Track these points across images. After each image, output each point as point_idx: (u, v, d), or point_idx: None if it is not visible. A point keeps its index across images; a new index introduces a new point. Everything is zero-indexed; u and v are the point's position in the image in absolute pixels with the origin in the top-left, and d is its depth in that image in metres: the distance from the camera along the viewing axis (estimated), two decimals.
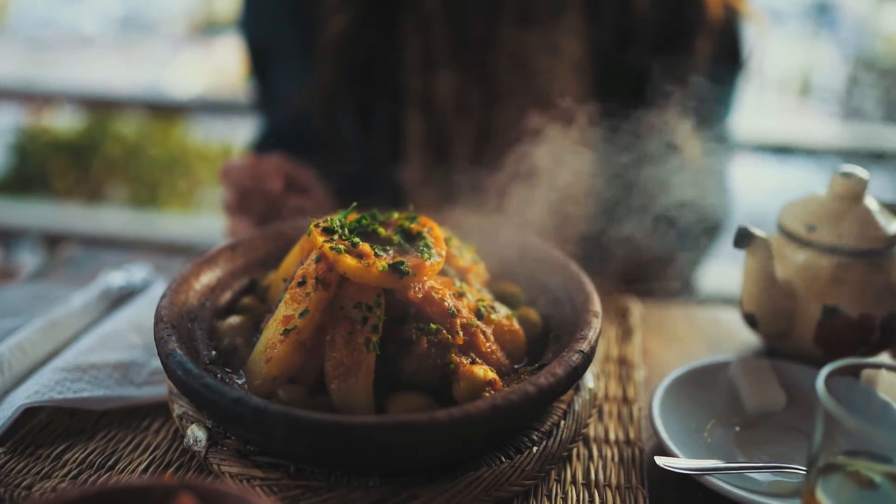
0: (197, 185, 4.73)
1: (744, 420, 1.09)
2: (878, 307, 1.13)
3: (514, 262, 1.20)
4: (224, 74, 6.18)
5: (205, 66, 6.47)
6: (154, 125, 4.80)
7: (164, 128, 4.83)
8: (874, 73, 5.56)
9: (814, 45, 6.30)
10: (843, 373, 0.83)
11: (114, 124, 4.80)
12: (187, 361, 0.89)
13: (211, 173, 4.82)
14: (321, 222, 1.00)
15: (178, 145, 4.77)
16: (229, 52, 5.89)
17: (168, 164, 4.70)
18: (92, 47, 6.62)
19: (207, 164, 4.80)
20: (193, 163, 4.75)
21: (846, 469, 0.80)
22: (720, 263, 2.25)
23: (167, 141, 4.77)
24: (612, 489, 0.97)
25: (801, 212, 1.19)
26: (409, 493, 0.88)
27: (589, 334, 0.98)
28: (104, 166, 4.65)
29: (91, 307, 1.29)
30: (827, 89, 6.06)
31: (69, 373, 1.07)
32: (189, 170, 4.73)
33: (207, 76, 6.21)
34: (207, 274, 1.12)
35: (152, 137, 4.74)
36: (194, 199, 4.69)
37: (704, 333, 1.37)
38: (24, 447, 0.99)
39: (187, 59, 6.53)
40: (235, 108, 4.62)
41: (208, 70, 6.40)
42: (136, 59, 6.55)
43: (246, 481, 0.90)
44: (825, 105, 5.95)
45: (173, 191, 4.63)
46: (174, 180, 4.69)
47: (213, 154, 4.87)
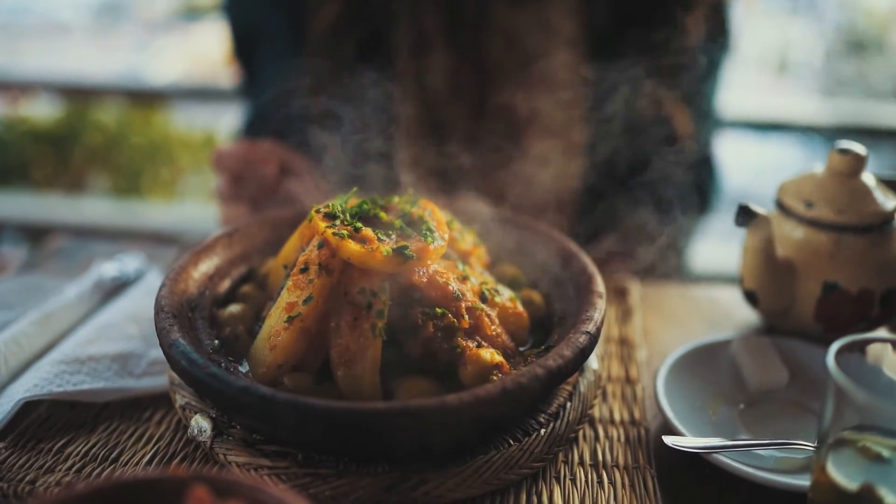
0: (180, 173, 4.67)
1: (747, 397, 1.09)
2: (877, 282, 1.14)
3: (514, 243, 1.19)
4: (204, 60, 6.10)
5: (184, 52, 6.39)
6: (135, 113, 4.73)
7: (145, 115, 4.76)
8: (855, 48, 5.58)
9: (792, 20, 6.32)
10: (851, 349, 0.84)
11: (93, 113, 4.73)
12: (191, 351, 0.88)
13: (194, 161, 4.77)
14: (322, 208, 0.99)
15: (159, 133, 4.70)
16: (209, 37, 5.82)
17: (150, 153, 4.64)
18: (69, 34, 6.51)
19: (190, 151, 4.74)
20: (176, 150, 4.68)
21: (855, 444, 0.80)
22: (709, 241, 2.26)
23: (148, 129, 4.70)
24: (620, 469, 0.97)
25: (799, 188, 1.19)
26: (419, 478, 0.88)
27: (594, 315, 0.97)
28: (85, 155, 4.58)
29: (85, 299, 1.27)
30: (805, 65, 6.08)
31: (68, 365, 1.05)
32: (171, 158, 4.67)
33: (187, 62, 6.13)
34: (205, 262, 1.10)
35: (133, 125, 4.67)
36: (178, 188, 4.63)
37: (702, 312, 1.37)
38: (24, 441, 0.97)
39: (166, 45, 6.43)
40: (217, 94, 4.57)
41: (187, 56, 6.31)
42: (114, 46, 6.45)
43: (253, 470, 0.89)
44: (804, 81, 5.97)
45: (156, 179, 4.57)
46: (156, 169, 4.63)
47: (196, 141, 4.81)
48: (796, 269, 1.17)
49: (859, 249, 1.14)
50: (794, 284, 1.17)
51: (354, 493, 0.87)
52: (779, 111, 4.25)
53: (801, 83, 6.07)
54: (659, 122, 1.77)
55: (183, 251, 1.47)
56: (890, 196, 1.18)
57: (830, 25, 5.88)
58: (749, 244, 1.16)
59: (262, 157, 1.37)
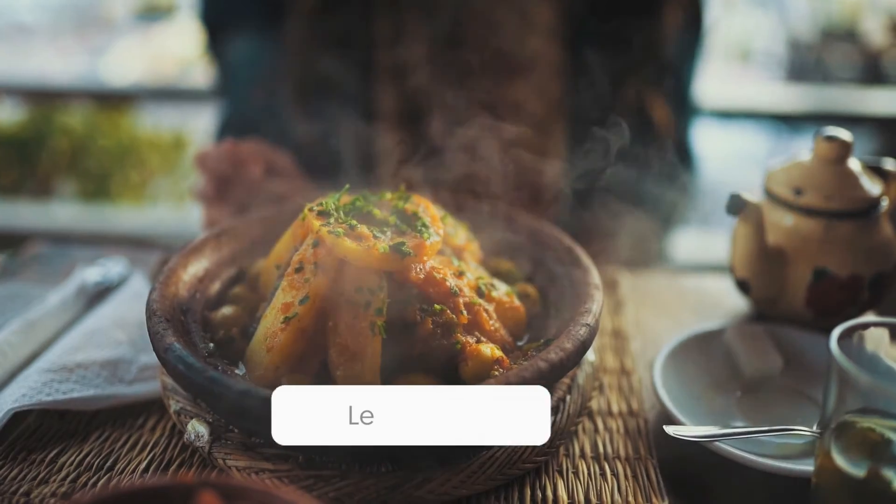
0: (150, 175, 4.60)
1: (743, 385, 1.10)
2: (866, 267, 1.15)
3: (506, 238, 1.19)
4: (165, 60, 6.03)
5: (144, 53, 6.30)
6: (102, 116, 4.65)
7: (112, 118, 4.68)
8: (823, 35, 5.66)
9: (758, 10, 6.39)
10: (852, 333, 0.84)
11: (59, 116, 4.64)
12: (188, 355, 0.86)
13: (164, 163, 4.70)
14: (315, 206, 0.97)
15: (127, 135, 4.63)
16: (169, 37, 5.73)
17: (118, 156, 4.56)
18: (31, 37, 6.38)
19: (159, 153, 4.68)
20: (145, 153, 4.61)
21: (858, 427, 0.81)
22: (688, 231, 2.28)
23: (116, 132, 4.63)
24: (622, 461, 0.97)
25: (787, 176, 1.20)
26: (423, 476, 0.87)
27: (592, 307, 0.97)
28: (51, 160, 4.50)
29: (69, 305, 1.24)
30: (770, 54, 6.15)
31: (56, 373, 1.03)
32: (141, 160, 4.60)
33: (148, 63, 6.05)
34: (195, 265, 1.08)
35: (100, 128, 4.59)
36: (148, 191, 4.57)
37: (691, 301, 1.38)
38: (15, 453, 0.95)
39: (125, 46, 6.34)
40: (185, 94, 4.51)
41: (149, 57, 6.23)
42: (77, 48, 6.34)
43: (254, 474, 0.87)
44: (771, 69, 6.04)
45: (126, 183, 4.50)
46: (126, 172, 4.56)
47: (165, 143, 4.74)
48: (786, 256, 1.17)
49: (848, 235, 1.15)
50: (784, 272, 1.17)
51: (359, 495, 0.85)
52: (743, 99, 4.27)
53: (766, 71, 6.14)
54: (638, 111, 1.77)
55: (166, 254, 1.45)
56: (876, 181, 1.19)
57: (799, 13, 5.96)
58: (740, 232, 1.17)
59: (247, 157, 1.35)
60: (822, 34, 5.77)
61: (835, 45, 5.65)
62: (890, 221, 1.20)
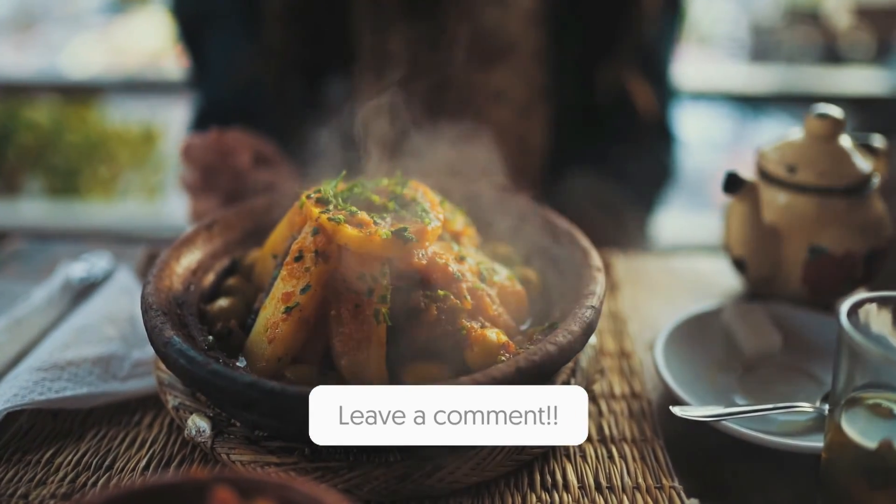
0: (120, 170, 4.52)
1: (743, 364, 1.10)
2: (861, 243, 1.16)
3: (502, 222, 1.17)
4: (129, 54, 5.92)
5: (108, 46, 6.18)
6: (69, 110, 4.56)
7: (79, 113, 4.59)
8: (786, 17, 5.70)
9: None
10: (857, 308, 0.84)
11: (24, 111, 4.54)
12: (189, 349, 0.84)
13: (133, 157, 4.63)
14: (313, 193, 0.95)
15: (96, 130, 4.54)
16: (133, 29, 5.63)
17: (87, 151, 4.48)
18: None
19: (129, 147, 4.60)
20: (114, 147, 4.53)
21: (866, 402, 0.81)
22: (671, 213, 2.28)
23: (84, 126, 4.54)
24: (629, 443, 0.97)
25: (780, 154, 1.20)
26: (433, 465, 0.86)
27: (596, 289, 0.96)
28: (18, 156, 4.40)
29: (54, 301, 1.21)
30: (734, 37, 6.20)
31: (47, 372, 1.00)
32: (110, 155, 4.52)
33: (112, 56, 5.93)
34: (187, 256, 1.06)
35: (67, 123, 4.50)
36: (119, 186, 4.49)
37: (685, 282, 1.38)
38: (9, 455, 0.92)
39: (88, 39, 6.21)
40: (154, 86, 4.43)
41: (112, 50, 6.11)
42: (34, 43, 6.20)
43: (259, 468, 0.86)
44: (733, 52, 6.08)
45: (95, 178, 4.42)
46: (95, 167, 4.48)
47: (134, 137, 4.67)
48: (781, 234, 1.17)
49: (843, 211, 1.15)
50: (780, 250, 1.18)
51: (368, 485, 0.84)
52: (705, 81, 4.26)
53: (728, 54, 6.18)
54: (620, 94, 1.77)
55: (151, 248, 1.42)
56: (867, 157, 1.20)
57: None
58: (737, 212, 1.17)
59: (233, 146, 1.32)
60: (784, 16, 5.82)
61: (796, 26, 5.70)
62: (881, 197, 1.20)
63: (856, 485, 0.82)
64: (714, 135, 5.38)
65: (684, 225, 3.31)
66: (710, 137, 5.24)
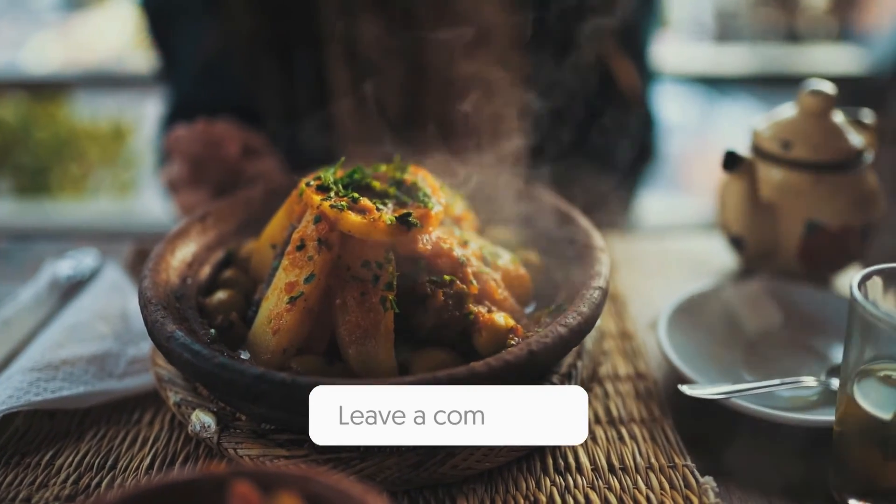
0: (90, 167, 4.44)
1: (747, 341, 1.10)
2: (857, 217, 1.16)
3: (499, 205, 1.16)
4: (91, 50, 5.80)
5: (69, 42, 6.05)
6: (37, 108, 4.46)
7: (47, 110, 4.49)
8: None
9: None
10: (866, 280, 0.84)
11: None
12: (193, 342, 0.82)
13: (103, 154, 4.54)
14: (312, 181, 0.93)
15: (65, 128, 4.45)
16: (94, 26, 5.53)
17: (56, 149, 4.38)
18: None
19: (98, 144, 4.51)
20: (83, 145, 4.45)
21: (878, 374, 0.81)
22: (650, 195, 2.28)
23: (52, 124, 4.44)
24: (638, 423, 0.96)
25: (774, 131, 1.20)
26: (446, 452, 0.84)
27: (602, 270, 0.96)
28: None
29: (42, 300, 1.18)
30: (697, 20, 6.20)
31: (41, 372, 0.97)
32: (80, 152, 4.43)
33: (73, 52, 5.81)
34: (182, 249, 1.03)
35: (36, 121, 4.40)
36: (89, 184, 4.41)
37: (679, 262, 1.38)
38: (7, 458, 0.90)
39: (48, 36, 6.07)
40: (122, 81, 4.35)
41: (73, 46, 5.98)
42: None
43: (269, 462, 0.84)
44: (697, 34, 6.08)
45: (66, 176, 4.33)
46: (65, 165, 4.39)
47: (104, 134, 4.58)
48: (777, 210, 1.18)
49: (838, 186, 1.16)
50: (776, 226, 1.18)
51: (381, 475, 0.83)
52: (672, 62, 4.26)
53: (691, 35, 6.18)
54: (604, 77, 1.76)
55: (139, 244, 1.39)
56: (859, 132, 1.20)
57: None
58: (734, 189, 1.17)
59: (223, 137, 1.28)
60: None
61: (760, 8, 5.72)
62: (874, 172, 1.21)
63: (870, 456, 0.82)
64: (678, 117, 5.38)
65: (661, 206, 3.33)
66: (676, 120, 5.25)
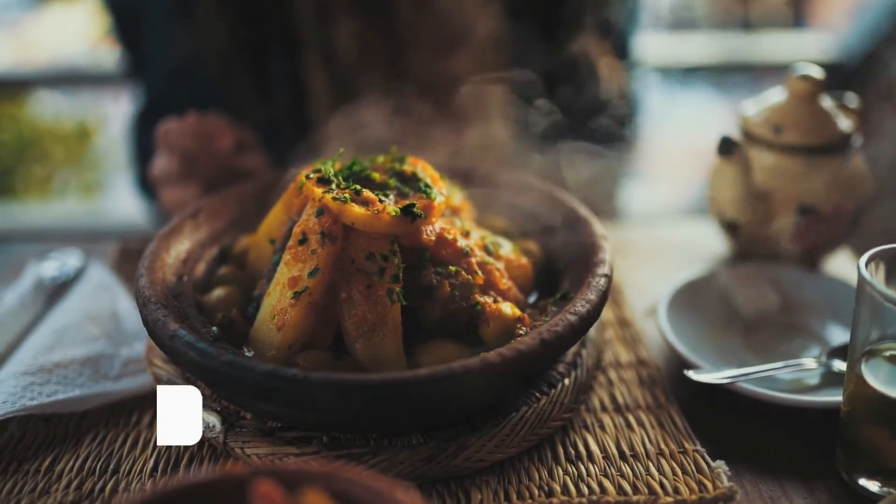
0: (55, 168, 4.35)
1: (745, 326, 1.11)
2: (848, 199, 1.17)
3: (495, 196, 1.16)
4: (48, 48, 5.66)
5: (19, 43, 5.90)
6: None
7: (7, 110, 4.38)
8: None
9: None
10: (872, 260, 0.85)
11: None
12: (197, 341, 0.80)
13: (68, 154, 4.45)
14: (312, 173, 0.92)
15: (28, 128, 4.35)
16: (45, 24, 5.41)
17: (19, 149, 4.28)
18: None
19: (63, 145, 4.42)
20: (48, 145, 4.35)
21: (884, 353, 0.82)
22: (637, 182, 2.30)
23: (14, 124, 4.34)
24: (644, 410, 0.96)
25: (765, 116, 1.21)
26: (458, 444, 0.83)
27: (605, 257, 0.95)
28: None
29: (27, 303, 1.14)
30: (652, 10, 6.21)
31: (34, 376, 0.94)
32: (44, 153, 4.33)
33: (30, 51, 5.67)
34: (176, 247, 1.01)
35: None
36: (55, 185, 4.31)
37: (672, 249, 1.38)
38: (4, 465, 0.87)
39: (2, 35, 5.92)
40: (85, 79, 4.26)
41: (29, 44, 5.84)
42: None
43: (278, 460, 0.82)
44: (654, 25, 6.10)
45: (30, 177, 4.24)
46: (29, 166, 4.29)
47: (68, 133, 4.48)
48: (770, 195, 1.18)
49: (830, 169, 1.17)
50: (771, 211, 1.18)
51: (394, 470, 0.82)
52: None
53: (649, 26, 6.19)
54: (588, 71, 1.76)
55: (124, 243, 1.36)
56: (847, 115, 1.21)
57: None
58: (727, 174, 1.17)
59: (214, 131, 1.25)
60: None
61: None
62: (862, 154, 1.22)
63: (878, 435, 0.83)
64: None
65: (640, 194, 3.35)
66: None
